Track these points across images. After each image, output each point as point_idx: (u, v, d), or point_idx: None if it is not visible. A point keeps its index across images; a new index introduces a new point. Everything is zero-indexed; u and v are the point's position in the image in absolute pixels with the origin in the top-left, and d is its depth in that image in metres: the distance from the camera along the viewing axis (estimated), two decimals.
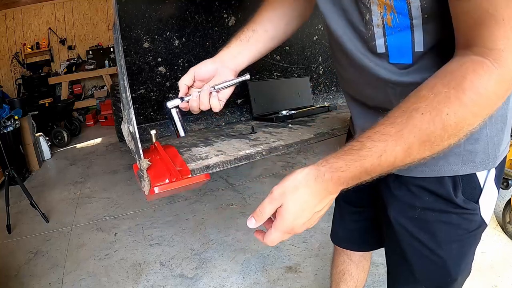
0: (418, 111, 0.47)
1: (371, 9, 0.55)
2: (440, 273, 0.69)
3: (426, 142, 0.47)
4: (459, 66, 0.47)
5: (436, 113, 0.46)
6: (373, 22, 0.56)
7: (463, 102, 0.45)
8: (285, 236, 0.56)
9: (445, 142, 0.48)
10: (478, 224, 0.66)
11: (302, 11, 0.80)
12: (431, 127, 0.46)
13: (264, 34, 0.77)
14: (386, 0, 0.52)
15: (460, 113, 0.46)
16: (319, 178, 0.52)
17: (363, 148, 0.50)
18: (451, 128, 0.46)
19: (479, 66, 0.45)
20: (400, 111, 0.49)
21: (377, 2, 0.53)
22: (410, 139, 0.47)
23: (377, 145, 0.49)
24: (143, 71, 1.34)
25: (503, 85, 0.46)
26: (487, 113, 0.48)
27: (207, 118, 1.55)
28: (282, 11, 0.78)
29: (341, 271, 1.06)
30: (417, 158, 0.49)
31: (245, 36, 0.76)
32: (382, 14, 0.54)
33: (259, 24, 0.77)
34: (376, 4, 0.54)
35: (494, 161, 0.62)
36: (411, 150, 0.48)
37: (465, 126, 0.47)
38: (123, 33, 1.20)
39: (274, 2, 0.78)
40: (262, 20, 0.77)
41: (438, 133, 0.47)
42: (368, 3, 0.54)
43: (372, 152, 0.49)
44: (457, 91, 0.45)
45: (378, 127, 0.50)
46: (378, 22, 0.55)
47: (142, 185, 0.64)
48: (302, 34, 1.72)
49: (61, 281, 1.90)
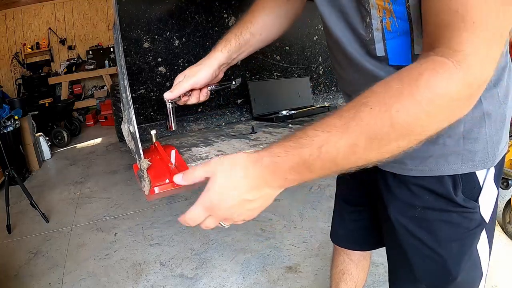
0: (367, 105, 0.44)
1: (370, 13, 0.54)
2: (440, 272, 0.69)
3: (373, 140, 0.44)
4: (419, 64, 0.44)
5: (386, 108, 0.43)
6: (373, 26, 0.55)
7: (416, 98, 0.42)
8: (204, 215, 0.53)
9: (394, 142, 0.44)
10: (478, 222, 0.66)
11: (294, 12, 0.81)
12: (378, 122, 0.43)
13: (259, 38, 0.79)
14: (386, 4, 0.52)
15: (412, 111, 0.42)
16: (258, 163, 0.49)
17: (304, 136, 0.46)
18: (401, 126, 0.43)
19: (440, 65, 0.42)
20: (350, 105, 0.46)
21: (376, 6, 0.53)
22: (356, 134, 0.44)
23: (319, 134, 0.45)
24: (143, 71, 1.34)
25: (466, 90, 0.43)
26: (446, 118, 0.44)
27: (207, 118, 1.55)
28: (277, 14, 0.79)
29: (341, 271, 1.06)
30: (362, 158, 0.46)
31: (244, 39, 0.77)
32: (381, 18, 0.54)
33: (256, 26, 0.78)
34: (376, 8, 0.53)
35: (493, 160, 0.63)
36: (357, 146, 0.44)
37: (418, 128, 0.43)
38: (123, 33, 1.20)
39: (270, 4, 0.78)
40: (259, 23, 0.78)
41: (386, 131, 0.43)
42: (368, 6, 0.54)
43: (313, 142, 0.45)
44: (411, 87, 0.42)
45: (325, 118, 0.47)
46: (378, 26, 0.55)
47: (142, 185, 0.64)
48: (302, 34, 1.72)
49: (61, 281, 1.90)
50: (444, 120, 0.44)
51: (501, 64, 0.60)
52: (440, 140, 0.60)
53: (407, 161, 0.64)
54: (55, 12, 6.21)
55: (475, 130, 0.60)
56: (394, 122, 0.43)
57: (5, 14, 5.89)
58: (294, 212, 2.38)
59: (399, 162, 0.65)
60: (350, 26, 0.59)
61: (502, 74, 0.60)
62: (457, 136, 0.60)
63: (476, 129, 0.60)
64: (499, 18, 0.41)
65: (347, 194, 0.96)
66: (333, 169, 0.47)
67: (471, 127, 0.59)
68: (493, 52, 0.43)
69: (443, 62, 0.42)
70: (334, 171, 0.47)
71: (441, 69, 0.42)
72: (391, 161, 0.66)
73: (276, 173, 0.49)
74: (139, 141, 0.66)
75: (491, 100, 0.59)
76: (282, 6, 0.79)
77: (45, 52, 6.21)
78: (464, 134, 0.60)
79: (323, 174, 0.47)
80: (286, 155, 0.47)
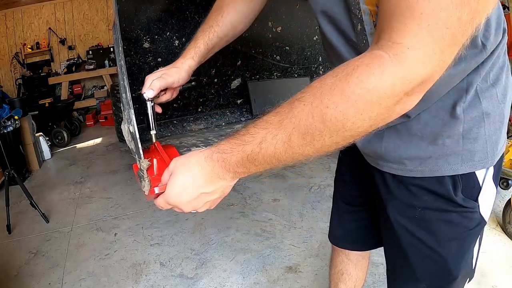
0: (301, 101, 0.45)
1: (363, 19, 0.53)
2: (441, 272, 0.69)
3: (306, 136, 0.44)
4: (357, 58, 0.43)
5: (317, 104, 0.43)
6: (366, 31, 0.54)
7: (345, 94, 0.41)
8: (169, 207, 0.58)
9: (328, 138, 0.44)
10: (478, 221, 0.66)
11: (258, 8, 0.83)
12: (309, 118, 0.43)
13: (224, 39, 0.82)
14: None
15: (341, 107, 0.42)
16: (208, 158, 0.53)
17: (246, 134, 0.49)
18: (331, 123, 0.43)
19: (375, 60, 0.40)
20: (287, 102, 0.47)
21: (368, 12, 0.52)
22: (289, 130, 0.45)
23: (259, 132, 0.48)
24: (143, 71, 1.34)
25: (402, 86, 0.40)
26: (381, 114, 0.42)
27: (207, 118, 1.55)
28: (243, 14, 0.81)
29: (340, 271, 1.06)
30: (299, 153, 0.47)
31: (212, 44, 0.80)
32: (374, 23, 0.53)
33: (224, 29, 0.80)
34: (368, 14, 0.52)
35: (492, 159, 0.63)
36: (291, 142, 0.45)
37: (348, 124, 0.42)
38: (123, 33, 1.20)
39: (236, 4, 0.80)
40: (226, 25, 0.80)
41: (317, 126, 0.43)
42: (359, 13, 0.53)
43: (254, 139, 0.48)
44: (342, 82, 0.42)
45: (265, 115, 0.49)
46: (372, 31, 0.54)
47: (142, 185, 0.64)
48: (302, 34, 1.72)
49: (61, 281, 1.91)
50: (378, 116, 0.42)
51: (500, 63, 0.60)
52: (439, 141, 0.60)
53: (407, 162, 0.64)
54: (55, 12, 6.21)
55: (475, 130, 0.60)
56: (324, 118, 0.43)
57: (5, 14, 5.88)
58: (294, 212, 2.38)
59: (398, 162, 0.65)
60: (341, 32, 0.59)
61: (500, 73, 0.60)
62: (457, 136, 0.60)
63: (475, 129, 0.60)
64: (454, 16, 0.37)
65: (346, 195, 0.96)
66: (277, 163, 0.49)
67: (471, 127, 0.59)
68: (441, 51, 0.39)
69: (379, 56, 0.40)
70: (280, 164, 0.49)
71: (375, 65, 0.40)
72: (390, 162, 0.66)
73: (226, 167, 0.52)
74: (139, 141, 0.66)
75: (490, 100, 0.59)
76: (247, 4, 0.80)
77: (45, 52, 6.20)
78: (464, 134, 0.60)
79: (269, 167, 0.50)
80: (232, 152, 0.51)
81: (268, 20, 1.43)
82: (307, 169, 3.02)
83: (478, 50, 0.54)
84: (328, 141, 0.44)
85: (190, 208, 0.58)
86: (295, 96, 0.46)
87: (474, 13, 0.38)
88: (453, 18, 0.37)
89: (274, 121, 0.47)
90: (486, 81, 0.59)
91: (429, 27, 0.38)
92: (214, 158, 0.53)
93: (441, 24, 0.38)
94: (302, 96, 0.45)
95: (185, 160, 0.56)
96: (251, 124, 0.50)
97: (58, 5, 6.19)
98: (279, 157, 0.48)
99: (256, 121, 0.49)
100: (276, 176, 2.98)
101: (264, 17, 1.41)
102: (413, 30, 0.38)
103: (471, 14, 0.38)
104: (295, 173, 2.97)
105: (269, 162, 0.49)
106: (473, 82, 0.57)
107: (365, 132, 0.44)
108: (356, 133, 0.44)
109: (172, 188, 0.56)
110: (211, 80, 1.43)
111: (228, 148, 0.51)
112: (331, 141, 0.45)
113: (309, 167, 3.04)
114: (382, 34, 0.42)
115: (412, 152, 0.63)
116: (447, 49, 0.39)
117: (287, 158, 0.48)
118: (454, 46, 0.40)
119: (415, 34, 0.38)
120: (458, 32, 0.39)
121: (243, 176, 0.53)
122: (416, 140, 0.62)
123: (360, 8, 0.52)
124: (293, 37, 1.66)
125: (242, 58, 1.45)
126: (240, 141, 0.50)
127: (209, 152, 0.54)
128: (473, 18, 0.38)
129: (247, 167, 0.50)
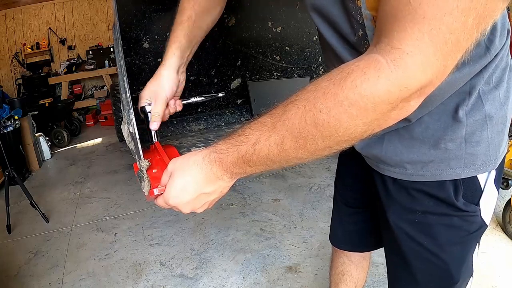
0: (295, 104, 0.44)
1: (364, 24, 0.51)
2: (442, 276, 0.69)
3: (299, 139, 0.44)
4: (352, 62, 0.41)
5: (310, 107, 0.42)
6: (368, 37, 0.52)
7: (339, 99, 0.40)
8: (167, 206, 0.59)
9: (320, 143, 0.43)
10: (479, 225, 0.65)
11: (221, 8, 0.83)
12: (302, 122, 0.43)
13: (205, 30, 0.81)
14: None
15: (334, 112, 0.41)
16: (206, 158, 0.54)
17: (242, 135, 0.49)
18: (324, 127, 0.42)
19: (371, 64, 0.39)
20: (282, 104, 0.47)
21: (371, 17, 0.50)
22: (283, 132, 0.45)
23: (253, 133, 0.48)
24: (143, 71, 1.34)
25: (399, 92, 0.39)
26: (375, 120, 0.41)
27: (207, 119, 1.55)
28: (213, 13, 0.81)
29: (341, 272, 1.05)
30: (293, 156, 0.46)
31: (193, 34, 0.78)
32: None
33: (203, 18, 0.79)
34: (370, 19, 0.50)
35: (494, 162, 0.62)
36: (284, 145, 0.45)
37: (341, 129, 0.42)
38: (123, 33, 1.20)
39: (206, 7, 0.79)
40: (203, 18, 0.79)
41: (310, 130, 0.43)
42: (360, 19, 0.51)
43: (248, 140, 0.48)
44: (336, 87, 0.41)
45: (260, 117, 0.49)
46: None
47: (142, 185, 0.64)
48: (302, 34, 1.72)
49: (61, 281, 1.91)
50: (373, 122, 0.41)
51: (503, 65, 0.59)
52: (441, 145, 0.59)
53: (408, 165, 0.63)
54: (55, 12, 6.20)
55: (477, 133, 0.58)
56: (317, 122, 0.42)
57: (5, 14, 5.88)
58: (294, 212, 2.38)
59: (399, 166, 0.64)
60: (342, 37, 0.57)
61: (503, 75, 0.59)
62: (459, 140, 0.59)
63: (478, 132, 0.58)
64: (459, 21, 0.36)
65: (346, 196, 0.95)
66: (272, 164, 0.49)
67: (473, 131, 0.58)
68: (443, 57, 0.37)
69: (376, 60, 0.39)
70: (275, 166, 0.49)
71: (371, 70, 0.39)
72: (391, 165, 0.66)
73: (223, 167, 0.52)
74: (138, 141, 0.66)
75: (492, 102, 0.58)
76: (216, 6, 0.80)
77: (45, 52, 6.20)
78: (466, 138, 0.58)
79: (265, 168, 0.50)
80: (227, 152, 0.51)
81: (268, 20, 1.43)
82: (307, 169, 3.01)
83: (483, 53, 0.53)
84: (321, 145, 0.44)
85: (190, 208, 0.58)
86: (290, 98, 0.46)
87: (480, 18, 0.36)
88: (457, 23, 0.36)
89: (268, 123, 0.47)
90: (489, 83, 0.58)
91: (431, 32, 0.36)
92: (212, 158, 0.53)
93: (444, 29, 0.36)
94: (296, 99, 0.45)
95: (184, 161, 0.56)
96: (247, 124, 0.50)
97: (58, 5, 6.19)
98: (273, 159, 0.47)
99: (252, 122, 0.49)
100: (276, 176, 2.98)
101: (264, 17, 1.41)
102: (414, 35, 0.37)
103: (477, 19, 0.36)
104: (295, 173, 2.97)
105: (264, 163, 0.49)
106: (476, 85, 0.56)
107: (359, 137, 0.43)
108: (349, 138, 0.43)
109: (171, 190, 0.56)
110: (211, 80, 1.43)
111: (224, 148, 0.51)
112: (324, 145, 0.44)
113: (309, 167, 3.04)
114: (381, 37, 0.40)
115: (414, 156, 0.62)
116: (449, 55, 0.38)
117: (281, 160, 0.48)
118: (457, 52, 0.38)
119: (416, 39, 0.37)
120: (462, 37, 0.37)
121: (240, 176, 0.53)
122: (418, 144, 0.61)
123: (362, 13, 0.50)
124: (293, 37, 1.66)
125: (242, 58, 1.45)
126: (235, 141, 0.50)
127: (207, 152, 0.54)
128: (479, 24, 0.37)
129: (242, 167, 0.51)
